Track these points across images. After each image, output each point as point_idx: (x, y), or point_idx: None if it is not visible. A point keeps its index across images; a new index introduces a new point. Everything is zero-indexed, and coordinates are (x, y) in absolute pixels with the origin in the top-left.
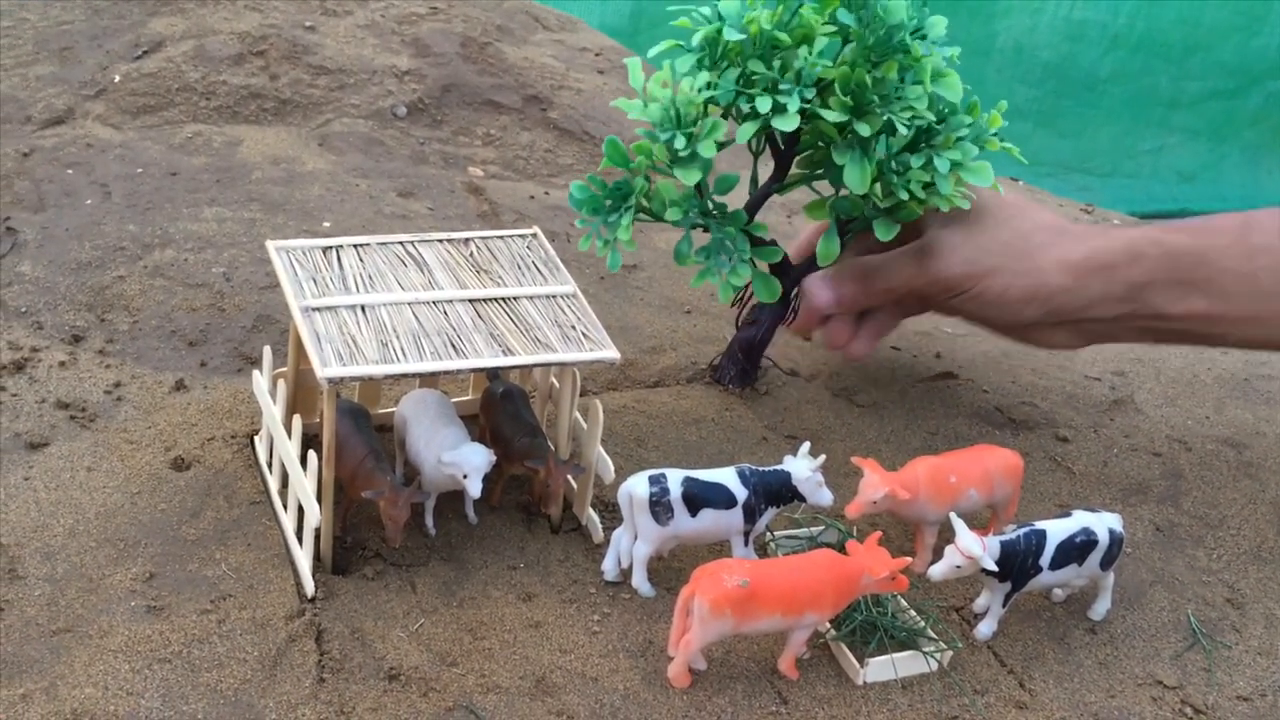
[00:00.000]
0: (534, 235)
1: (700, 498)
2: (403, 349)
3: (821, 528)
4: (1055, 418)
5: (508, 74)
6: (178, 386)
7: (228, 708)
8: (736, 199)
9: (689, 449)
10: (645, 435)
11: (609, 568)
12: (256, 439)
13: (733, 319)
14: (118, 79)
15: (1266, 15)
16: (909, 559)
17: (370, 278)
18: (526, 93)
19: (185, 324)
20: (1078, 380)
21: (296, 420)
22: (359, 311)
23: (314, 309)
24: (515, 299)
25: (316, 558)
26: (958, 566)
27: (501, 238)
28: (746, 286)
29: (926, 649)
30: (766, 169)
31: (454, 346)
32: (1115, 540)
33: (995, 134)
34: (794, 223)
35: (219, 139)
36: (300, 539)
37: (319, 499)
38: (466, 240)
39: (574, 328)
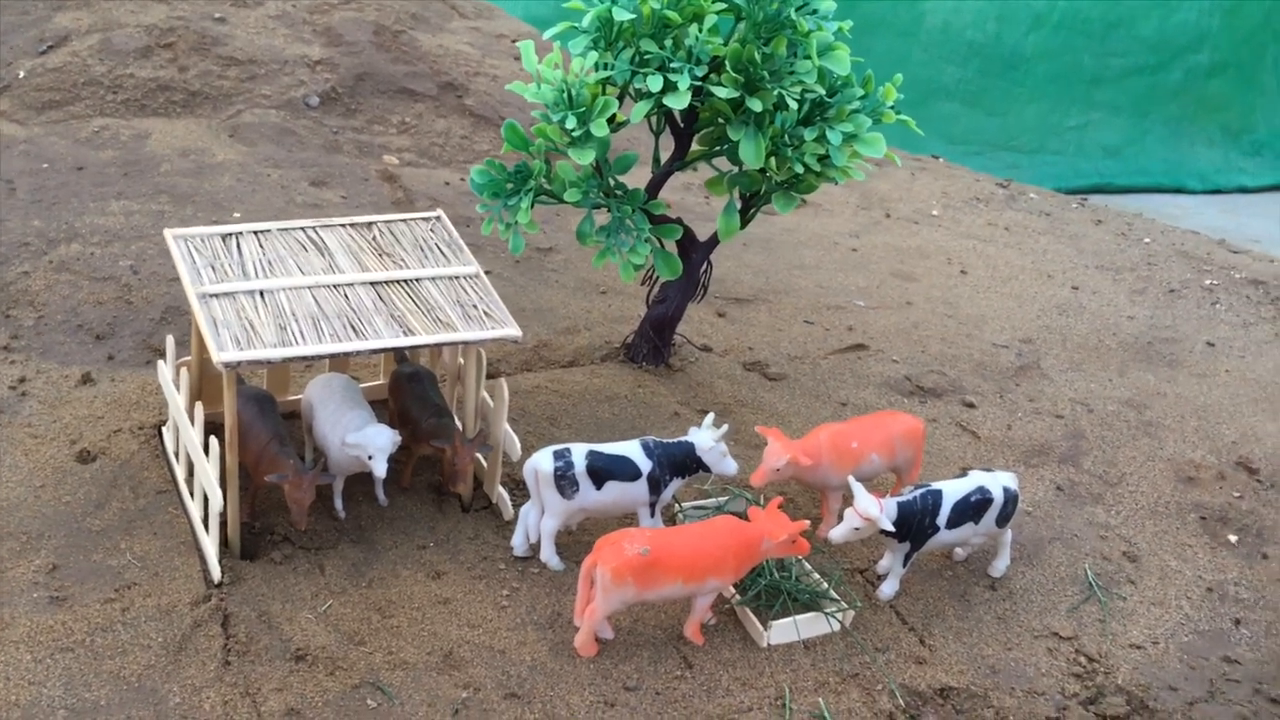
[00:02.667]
0: (438, 218)
1: (605, 471)
2: (301, 332)
3: (729, 497)
4: (963, 384)
5: (422, 61)
6: (84, 380)
7: (131, 693)
8: (644, 179)
9: (602, 426)
10: (558, 414)
11: (518, 543)
12: (164, 429)
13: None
14: (22, 75)
15: None
16: (807, 522)
17: (270, 263)
18: (442, 80)
19: (92, 318)
20: (986, 348)
21: (198, 407)
22: (257, 296)
23: (211, 295)
24: (417, 280)
25: (224, 544)
26: (856, 528)
27: (405, 221)
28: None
29: (829, 610)
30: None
31: (354, 328)
32: (1010, 498)
33: (891, 107)
34: (711, 203)
35: (127, 132)
36: (206, 526)
37: (223, 485)
38: (370, 224)
39: (476, 307)
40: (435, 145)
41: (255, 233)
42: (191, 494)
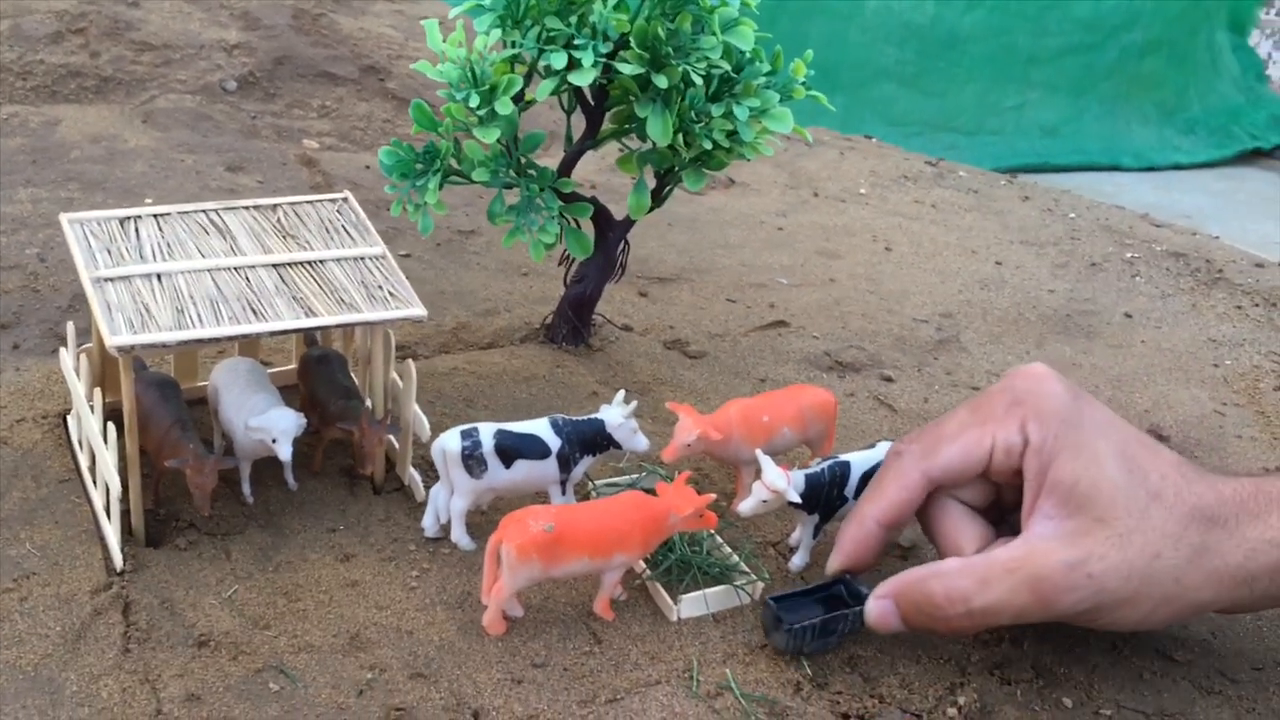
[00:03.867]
0: (344, 199)
1: (513, 449)
2: (199, 315)
3: (642, 474)
4: (882, 359)
5: (343, 45)
6: None
7: (26, 683)
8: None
9: (519, 406)
10: (475, 395)
11: (428, 524)
12: (69, 417)
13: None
14: None
15: None
16: (714, 496)
17: (169, 246)
18: (363, 63)
19: None
20: (906, 323)
21: (97, 394)
22: (154, 280)
23: (106, 279)
24: (321, 262)
25: (127, 531)
26: (764, 501)
27: (311, 202)
28: None
29: (738, 583)
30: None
31: (254, 310)
32: None
33: (803, 83)
34: None
35: (36, 119)
36: (109, 513)
37: (124, 471)
38: (275, 206)
39: (380, 288)
40: (356, 129)
41: (155, 216)
42: (95, 482)
